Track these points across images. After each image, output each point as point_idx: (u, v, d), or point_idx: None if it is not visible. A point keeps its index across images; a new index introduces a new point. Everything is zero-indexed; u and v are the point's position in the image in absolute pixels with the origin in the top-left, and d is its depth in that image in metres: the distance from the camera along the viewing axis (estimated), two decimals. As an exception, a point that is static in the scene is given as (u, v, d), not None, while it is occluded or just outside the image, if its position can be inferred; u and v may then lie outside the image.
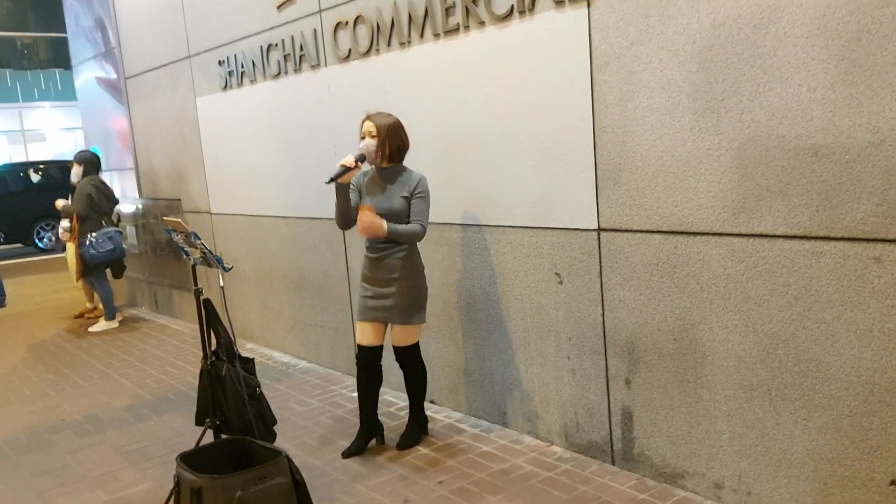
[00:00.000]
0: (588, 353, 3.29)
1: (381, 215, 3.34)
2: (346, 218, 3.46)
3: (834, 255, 2.40)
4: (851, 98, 2.29)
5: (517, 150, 3.42)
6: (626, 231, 3.03)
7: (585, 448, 3.39)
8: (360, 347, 3.58)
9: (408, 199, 3.39)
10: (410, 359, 3.59)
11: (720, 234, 2.70)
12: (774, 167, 2.51)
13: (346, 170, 3.28)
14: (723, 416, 2.81)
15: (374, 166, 3.47)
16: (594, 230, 3.16)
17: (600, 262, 3.16)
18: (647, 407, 3.09)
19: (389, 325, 3.54)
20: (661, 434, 3.05)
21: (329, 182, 3.29)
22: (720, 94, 2.62)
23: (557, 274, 3.36)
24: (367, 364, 3.57)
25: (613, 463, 3.28)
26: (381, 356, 3.57)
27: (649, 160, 2.88)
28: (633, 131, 2.92)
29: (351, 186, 3.46)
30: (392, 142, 3.39)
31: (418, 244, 3.50)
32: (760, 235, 2.58)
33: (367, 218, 3.27)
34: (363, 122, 3.41)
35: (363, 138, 3.39)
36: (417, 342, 3.59)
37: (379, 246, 3.43)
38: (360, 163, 3.32)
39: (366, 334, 3.54)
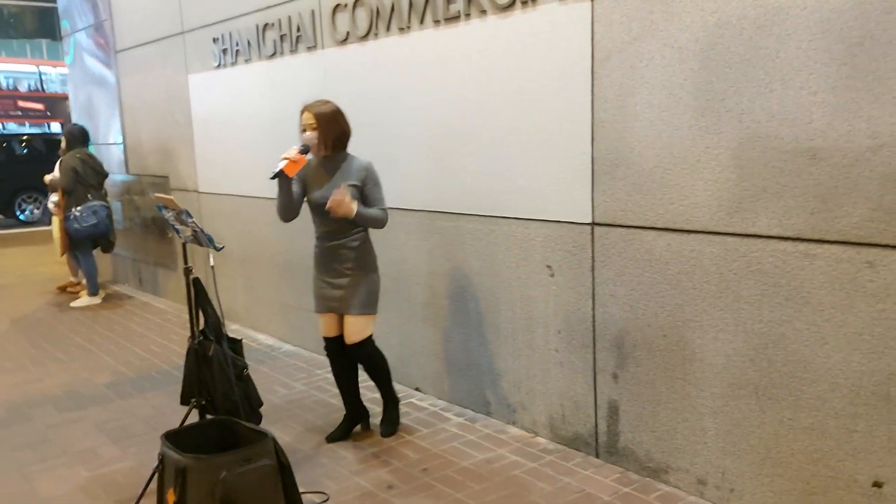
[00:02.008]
0: (576, 347, 3.31)
1: (329, 206, 3.27)
2: (288, 211, 3.38)
3: (827, 258, 2.42)
4: (852, 102, 2.30)
5: (514, 140, 3.41)
6: (621, 226, 3.04)
7: (570, 440, 3.41)
8: (325, 339, 3.55)
9: (356, 188, 3.32)
10: (366, 354, 3.50)
11: (715, 233, 2.72)
12: (772, 168, 2.52)
13: (289, 163, 3.22)
14: (709, 413, 2.84)
15: (315, 156, 3.39)
16: (588, 224, 3.16)
17: (593, 257, 3.17)
18: (633, 401, 3.11)
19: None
20: (646, 429, 3.08)
21: (273, 178, 3.23)
22: (721, 94, 2.62)
23: (549, 266, 3.36)
24: (337, 354, 3.55)
25: (598, 456, 3.30)
26: None
27: (647, 156, 2.89)
28: (632, 127, 2.92)
29: (293, 178, 3.38)
30: (332, 130, 3.30)
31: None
32: (755, 236, 2.60)
33: (340, 195, 3.20)
34: (301, 113, 3.33)
35: (303, 131, 3.31)
36: (371, 336, 3.49)
37: (329, 235, 3.37)
38: (304, 155, 3.26)
39: (327, 325, 3.51)
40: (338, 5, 4.27)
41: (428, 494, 3.04)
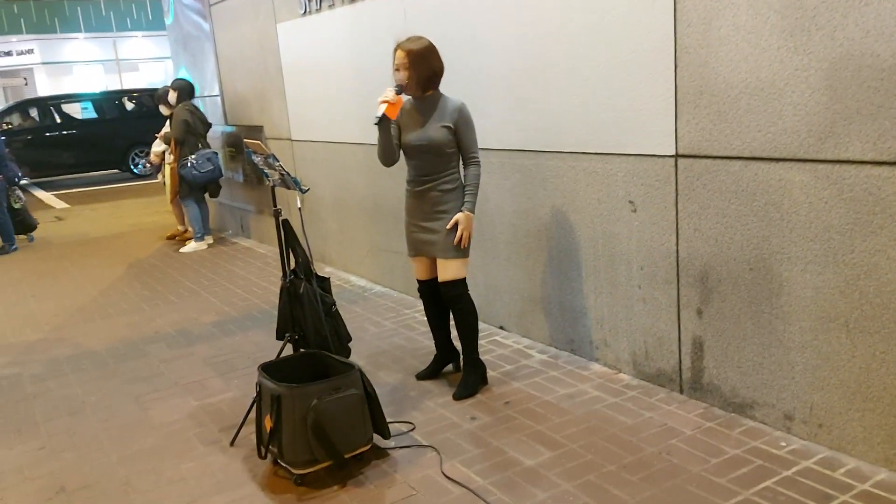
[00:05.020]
0: (660, 283, 3.26)
1: (422, 147, 3.25)
2: (389, 155, 3.31)
3: (926, 182, 2.27)
4: (958, 12, 2.12)
5: (594, 73, 3.33)
6: (706, 157, 2.94)
7: (654, 377, 3.39)
8: (418, 281, 3.57)
9: (449, 129, 3.23)
10: (457, 295, 3.39)
11: (804, 161, 2.59)
12: (867, 89, 2.36)
13: (389, 105, 3.15)
14: (797, 348, 2.75)
15: (410, 97, 3.32)
16: (671, 156, 3.07)
17: (676, 190, 3.09)
18: (718, 337, 3.05)
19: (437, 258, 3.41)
20: (731, 364, 3.02)
21: (377, 123, 3.17)
22: (811, 11, 2.46)
23: (631, 202, 3.30)
24: (430, 296, 3.57)
25: (682, 392, 3.27)
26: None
27: (732, 82, 2.76)
28: (717, 52, 2.79)
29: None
30: (423, 69, 3.20)
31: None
32: (847, 161, 2.46)
33: (460, 230, 3.27)
34: (394, 51, 3.24)
35: (397, 70, 3.22)
36: (465, 278, 3.40)
37: (423, 178, 3.32)
38: (400, 95, 3.18)
39: (420, 269, 3.52)
40: (416, -56, 4.23)
41: (509, 426, 3.12)
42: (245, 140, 3.55)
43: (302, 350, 3.34)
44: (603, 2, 3.21)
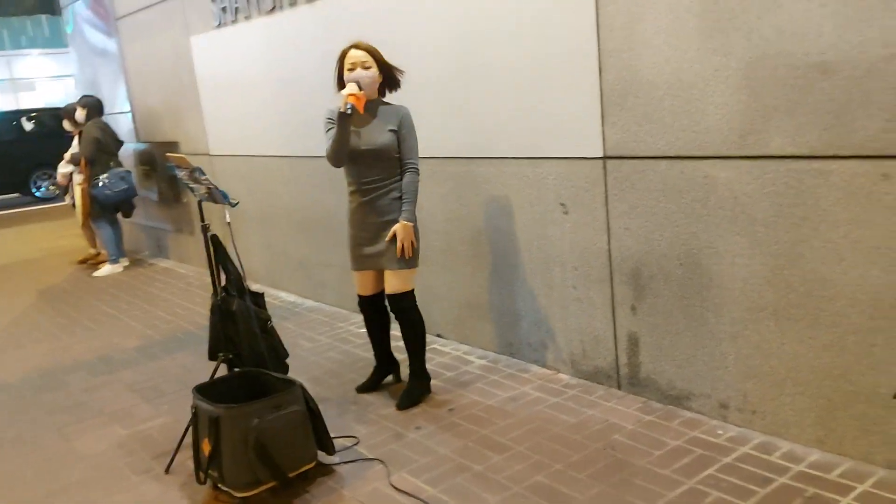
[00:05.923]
0: (594, 282, 3.32)
1: (370, 152, 3.17)
2: (343, 153, 3.15)
3: (842, 173, 2.40)
4: (863, 12, 2.25)
5: (521, 78, 3.38)
6: (633, 158, 3.02)
7: (592, 374, 3.45)
8: (360, 297, 3.49)
9: (395, 133, 3.19)
10: (407, 307, 3.37)
11: (727, 157, 2.69)
12: (783, 86, 2.48)
13: (356, 99, 3.05)
14: (728, 338, 2.85)
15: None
16: (600, 158, 3.14)
17: (606, 191, 3.16)
18: (652, 332, 3.13)
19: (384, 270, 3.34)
20: (666, 358, 3.10)
21: (350, 114, 3.02)
22: (728, 13, 2.57)
23: (563, 204, 3.36)
24: (371, 308, 3.51)
25: (620, 388, 3.34)
26: (383, 299, 3.46)
27: (656, 84, 2.85)
28: (640, 55, 2.88)
29: (329, 122, 3.19)
30: (389, 71, 3.23)
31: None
32: (768, 157, 2.57)
33: (399, 240, 3.20)
34: (348, 50, 3.18)
35: (352, 69, 3.13)
36: (413, 290, 3.37)
37: (369, 187, 3.22)
38: (363, 91, 3.10)
39: (364, 284, 3.43)
40: (335, -47, 4.20)
41: (455, 433, 3.11)
42: (168, 154, 3.42)
43: (237, 369, 3.23)
44: (525, 8, 3.26)
